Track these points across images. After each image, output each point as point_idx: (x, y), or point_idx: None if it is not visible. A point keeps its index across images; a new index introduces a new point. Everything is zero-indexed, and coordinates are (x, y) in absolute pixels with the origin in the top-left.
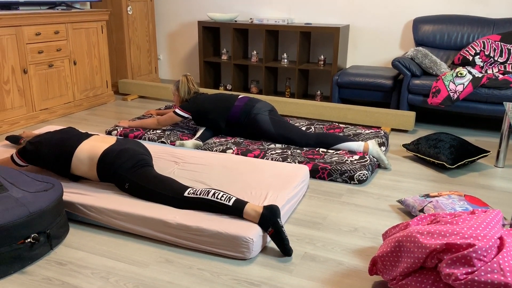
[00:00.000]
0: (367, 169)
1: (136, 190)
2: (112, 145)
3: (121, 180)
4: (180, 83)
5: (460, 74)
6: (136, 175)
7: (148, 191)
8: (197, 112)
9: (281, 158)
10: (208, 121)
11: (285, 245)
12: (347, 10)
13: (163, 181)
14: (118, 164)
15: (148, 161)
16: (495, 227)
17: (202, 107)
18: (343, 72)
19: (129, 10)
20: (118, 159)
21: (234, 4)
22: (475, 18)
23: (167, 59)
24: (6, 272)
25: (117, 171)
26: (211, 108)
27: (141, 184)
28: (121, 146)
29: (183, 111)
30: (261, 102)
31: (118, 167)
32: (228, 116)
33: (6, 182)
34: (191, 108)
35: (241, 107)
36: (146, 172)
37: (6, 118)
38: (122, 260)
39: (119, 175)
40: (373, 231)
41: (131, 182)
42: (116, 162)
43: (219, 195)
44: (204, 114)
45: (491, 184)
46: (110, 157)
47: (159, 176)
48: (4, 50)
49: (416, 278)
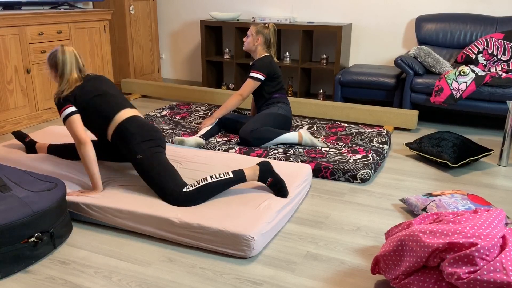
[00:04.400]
0: (370, 168)
1: (144, 166)
2: (139, 116)
3: (136, 149)
4: (264, 30)
5: (463, 73)
6: (151, 152)
7: (156, 173)
8: (269, 74)
9: (284, 158)
10: (268, 84)
11: (282, 187)
12: (350, 8)
13: (172, 171)
14: (141, 133)
15: (165, 145)
16: (498, 226)
17: (274, 71)
18: (345, 71)
19: (131, 10)
20: (143, 128)
21: (236, 3)
22: (478, 16)
23: (170, 59)
24: (10, 271)
25: (136, 139)
26: (279, 73)
27: (152, 163)
28: (147, 121)
29: (258, 73)
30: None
31: (139, 135)
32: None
33: (10, 182)
34: (265, 70)
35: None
36: (160, 154)
37: (10, 118)
38: (125, 259)
39: (137, 143)
40: (375, 230)
41: (145, 156)
42: (140, 131)
43: (217, 175)
44: (274, 78)
45: (494, 183)
46: (136, 122)
47: (170, 164)
48: (7, 50)
49: (419, 277)
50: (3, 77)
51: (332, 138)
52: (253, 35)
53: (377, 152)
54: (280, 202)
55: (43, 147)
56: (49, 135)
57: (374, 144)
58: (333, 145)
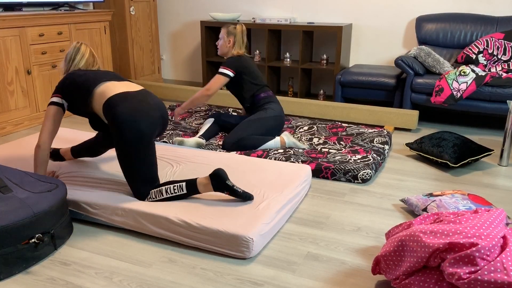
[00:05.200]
0: (370, 168)
1: (121, 154)
2: (131, 92)
3: (116, 134)
4: (235, 29)
5: (464, 73)
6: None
7: (130, 164)
8: (238, 70)
9: (284, 158)
10: (243, 83)
11: (243, 197)
12: (350, 9)
13: (149, 166)
14: (123, 118)
15: (153, 135)
16: (499, 226)
17: (246, 68)
18: (346, 71)
19: (132, 11)
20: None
21: (236, 4)
22: (479, 16)
23: (170, 59)
24: (11, 272)
25: (117, 123)
26: (254, 71)
27: (130, 153)
28: (139, 98)
29: (227, 69)
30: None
31: (121, 120)
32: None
33: (11, 183)
34: (233, 66)
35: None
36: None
37: (10, 119)
38: (125, 260)
39: (118, 129)
40: (376, 230)
41: (123, 143)
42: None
43: (170, 189)
44: (247, 75)
45: (494, 183)
46: (126, 100)
47: (152, 159)
48: (8, 51)
49: (419, 278)
50: (4, 78)
51: (333, 138)
52: (224, 38)
53: (378, 152)
54: (279, 202)
55: (67, 152)
56: None
57: (375, 144)
58: (334, 145)
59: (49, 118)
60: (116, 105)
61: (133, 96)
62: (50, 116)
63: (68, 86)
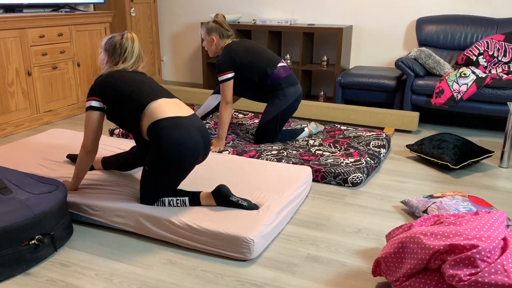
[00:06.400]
0: (361, 172)
1: (152, 174)
2: (182, 117)
3: (156, 158)
4: (210, 26)
5: (464, 74)
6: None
7: (156, 183)
8: (236, 64)
9: (276, 159)
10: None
11: (248, 209)
12: (350, 10)
13: (173, 187)
14: (168, 146)
15: (194, 166)
16: (499, 228)
17: (240, 58)
18: (346, 73)
19: (132, 12)
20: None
21: (237, 5)
22: (479, 18)
23: (171, 61)
24: (11, 274)
25: (162, 150)
26: (253, 56)
27: (162, 177)
28: (190, 126)
29: (224, 74)
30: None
31: (166, 148)
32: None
33: (11, 184)
34: (227, 66)
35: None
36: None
37: (11, 120)
38: (125, 261)
39: (158, 153)
40: (376, 232)
41: (160, 169)
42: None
43: (173, 202)
44: (247, 64)
45: (495, 184)
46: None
47: (178, 182)
48: (9, 53)
49: (420, 279)
50: (4, 80)
51: (330, 140)
52: (206, 38)
53: (373, 156)
54: (280, 203)
55: (97, 161)
56: (51, 139)
57: (371, 147)
58: (329, 148)
59: (91, 125)
60: (165, 128)
61: (183, 122)
62: (91, 123)
63: (111, 91)
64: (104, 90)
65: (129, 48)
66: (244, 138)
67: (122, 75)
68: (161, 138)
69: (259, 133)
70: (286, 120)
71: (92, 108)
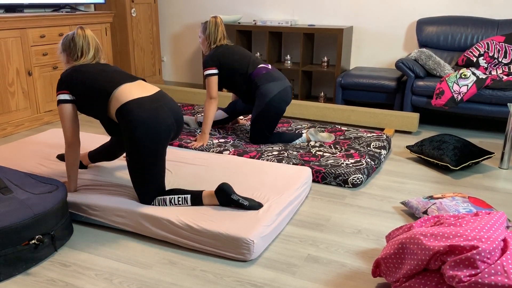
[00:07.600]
0: (362, 173)
1: (132, 160)
2: (146, 97)
3: (129, 140)
4: (208, 24)
5: (464, 76)
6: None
7: (141, 170)
8: (220, 62)
9: (277, 160)
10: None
11: (250, 209)
12: (351, 11)
13: (159, 173)
14: (137, 125)
15: (167, 142)
16: (499, 229)
17: (226, 59)
18: (346, 74)
19: (133, 12)
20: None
21: (237, 6)
22: (479, 19)
23: (171, 61)
24: (11, 273)
25: (131, 131)
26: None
27: (142, 160)
28: (155, 104)
29: (208, 69)
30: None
31: (135, 128)
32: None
33: (11, 184)
34: (213, 62)
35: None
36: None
37: (11, 120)
38: (125, 261)
39: (131, 136)
40: (376, 233)
41: (136, 150)
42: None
43: (174, 200)
44: (230, 66)
45: (495, 185)
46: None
47: (162, 166)
48: (9, 53)
49: (420, 280)
50: (5, 79)
51: (330, 141)
52: (201, 36)
53: (373, 157)
54: (280, 204)
55: (85, 157)
56: (51, 139)
57: (371, 148)
58: (329, 149)
59: (66, 118)
60: (130, 111)
61: (148, 101)
62: (65, 116)
63: (76, 82)
64: (70, 82)
65: (83, 43)
66: (243, 139)
67: (85, 67)
68: (129, 121)
69: (250, 134)
70: (275, 118)
71: (63, 101)
